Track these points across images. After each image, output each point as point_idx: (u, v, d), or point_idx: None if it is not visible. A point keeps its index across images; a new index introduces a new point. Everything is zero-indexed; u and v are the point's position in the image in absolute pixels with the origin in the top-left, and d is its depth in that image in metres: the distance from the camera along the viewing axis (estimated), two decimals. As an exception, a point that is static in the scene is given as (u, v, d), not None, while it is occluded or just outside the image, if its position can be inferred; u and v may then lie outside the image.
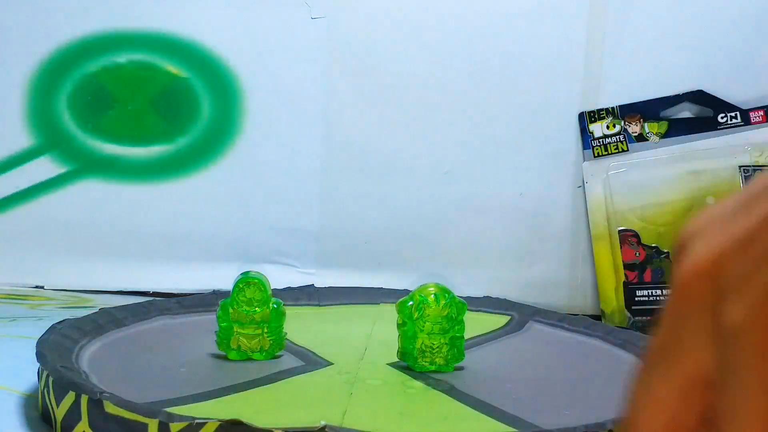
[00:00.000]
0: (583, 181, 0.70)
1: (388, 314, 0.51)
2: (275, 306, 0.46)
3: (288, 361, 0.46)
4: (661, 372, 0.26)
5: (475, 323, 0.53)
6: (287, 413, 0.38)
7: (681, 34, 0.71)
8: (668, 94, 0.70)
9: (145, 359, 0.45)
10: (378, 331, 0.54)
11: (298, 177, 0.71)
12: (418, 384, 0.44)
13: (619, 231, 0.69)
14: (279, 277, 0.63)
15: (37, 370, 0.41)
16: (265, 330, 0.46)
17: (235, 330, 0.46)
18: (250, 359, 0.46)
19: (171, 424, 0.33)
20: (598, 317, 0.67)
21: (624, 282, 0.67)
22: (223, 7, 0.72)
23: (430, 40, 0.72)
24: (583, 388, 0.44)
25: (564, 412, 0.40)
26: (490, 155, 0.72)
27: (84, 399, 0.35)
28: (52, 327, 0.45)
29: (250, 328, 0.46)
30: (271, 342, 0.47)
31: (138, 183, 0.73)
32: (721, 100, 0.69)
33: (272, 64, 0.71)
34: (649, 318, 0.65)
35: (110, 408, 0.34)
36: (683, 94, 0.70)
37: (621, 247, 0.68)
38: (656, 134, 0.70)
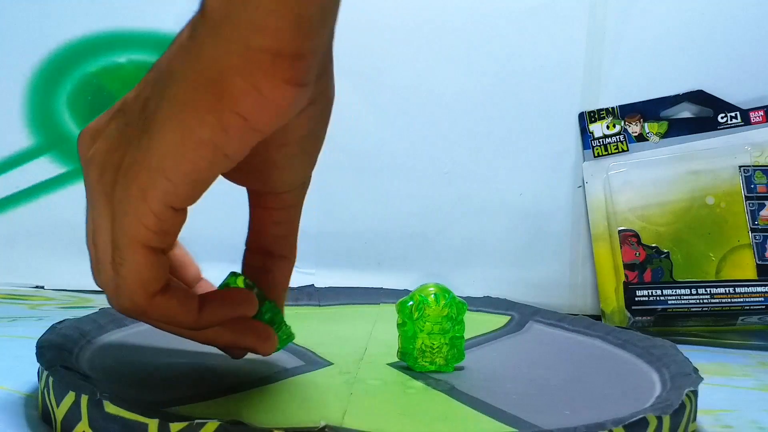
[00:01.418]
0: (583, 181, 0.71)
1: (388, 314, 0.51)
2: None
3: (288, 361, 0.46)
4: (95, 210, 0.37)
5: (475, 323, 0.53)
6: (287, 413, 0.38)
7: (681, 34, 0.71)
8: (668, 94, 0.70)
9: (145, 359, 0.45)
10: (378, 331, 0.54)
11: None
12: (418, 384, 0.44)
13: (619, 231, 0.69)
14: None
15: (37, 370, 0.41)
16: None
17: None
18: None
19: (171, 424, 0.33)
20: (598, 317, 0.67)
21: (624, 282, 0.67)
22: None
23: (430, 39, 0.72)
24: (583, 388, 0.44)
25: (564, 412, 0.40)
26: (490, 155, 0.72)
27: (84, 399, 0.35)
28: (52, 327, 0.45)
29: None
30: None
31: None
32: (721, 100, 0.69)
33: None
34: (649, 318, 0.65)
35: (110, 408, 0.34)
36: (683, 94, 0.70)
37: (621, 247, 0.69)
38: (656, 134, 0.70)
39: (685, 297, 0.65)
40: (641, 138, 0.70)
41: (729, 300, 0.64)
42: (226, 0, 0.32)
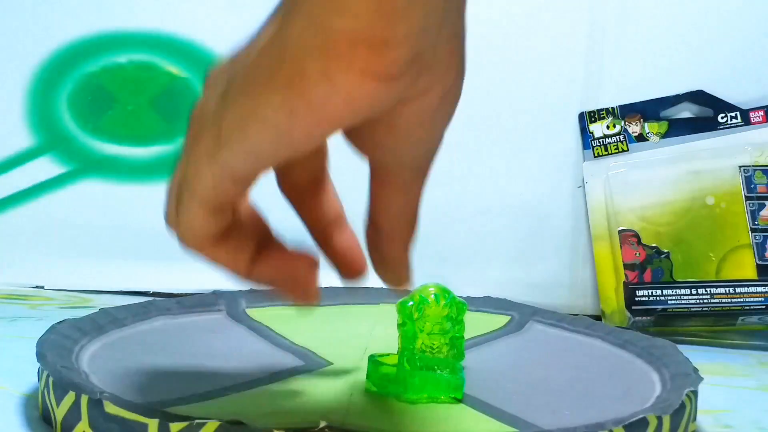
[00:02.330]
0: (583, 181, 0.71)
1: (388, 314, 0.51)
2: None
3: (288, 361, 0.46)
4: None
5: (475, 323, 0.53)
6: (287, 413, 0.38)
7: (681, 34, 0.71)
8: (668, 94, 0.70)
9: (145, 359, 0.45)
10: (378, 331, 0.54)
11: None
12: (418, 384, 0.43)
13: (619, 231, 0.69)
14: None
15: (37, 370, 0.41)
16: None
17: None
18: None
19: (171, 424, 0.33)
20: (598, 317, 0.67)
21: (624, 282, 0.67)
22: (223, 7, 0.72)
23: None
24: (583, 388, 0.44)
25: (564, 412, 0.40)
26: (490, 155, 0.72)
27: (84, 399, 0.35)
28: (52, 327, 0.45)
29: None
30: None
31: (138, 183, 0.73)
32: (721, 100, 0.69)
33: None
34: (649, 318, 0.65)
35: (110, 408, 0.34)
36: (683, 94, 0.70)
37: (621, 247, 0.69)
38: (656, 134, 0.70)
39: (685, 297, 0.65)
40: (641, 138, 0.70)
41: (729, 300, 0.64)
42: None
